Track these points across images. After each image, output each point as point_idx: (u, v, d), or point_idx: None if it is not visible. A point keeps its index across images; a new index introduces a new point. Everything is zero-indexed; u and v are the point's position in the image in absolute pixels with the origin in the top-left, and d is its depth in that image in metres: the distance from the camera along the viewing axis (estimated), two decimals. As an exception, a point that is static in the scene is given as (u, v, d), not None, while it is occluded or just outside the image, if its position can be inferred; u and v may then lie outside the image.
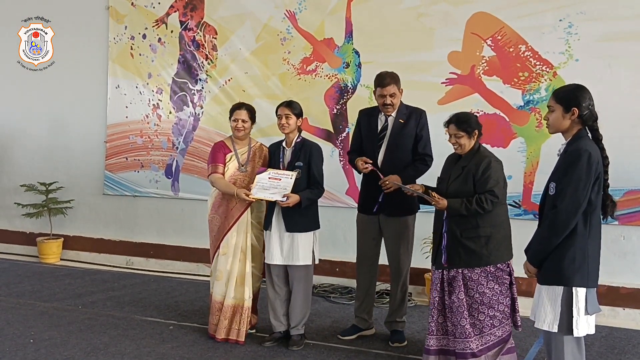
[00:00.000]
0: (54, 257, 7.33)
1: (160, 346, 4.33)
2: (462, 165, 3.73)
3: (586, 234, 2.87)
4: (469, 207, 3.57)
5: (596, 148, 2.90)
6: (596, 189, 2.86)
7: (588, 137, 2.95)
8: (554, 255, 2.91)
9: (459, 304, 3.62)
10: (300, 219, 4.30)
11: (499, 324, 3.65)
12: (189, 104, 6.91)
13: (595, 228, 2.91)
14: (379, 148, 4.34)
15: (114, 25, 7.27)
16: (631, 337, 4.67)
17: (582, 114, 2.93)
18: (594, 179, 2.83)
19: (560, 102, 2.98)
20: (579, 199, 2.82)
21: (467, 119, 3.77)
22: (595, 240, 2.92)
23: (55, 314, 5.10)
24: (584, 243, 2.87)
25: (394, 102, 4.30)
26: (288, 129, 4.37)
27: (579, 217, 2.84)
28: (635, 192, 5.14)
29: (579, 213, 2.83)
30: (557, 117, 2.99)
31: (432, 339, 3.73)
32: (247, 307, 4.38)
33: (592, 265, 2.89)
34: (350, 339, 4.50)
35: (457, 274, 3.65)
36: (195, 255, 6.73)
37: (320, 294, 5.77)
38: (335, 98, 6.21)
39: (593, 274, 2.90)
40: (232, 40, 6.68)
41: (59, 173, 7.55)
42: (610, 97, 5.19)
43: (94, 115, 7.42)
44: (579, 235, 2.86)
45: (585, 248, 2.87)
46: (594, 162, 2.82)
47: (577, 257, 2.85)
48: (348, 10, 6.12)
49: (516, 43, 5.48)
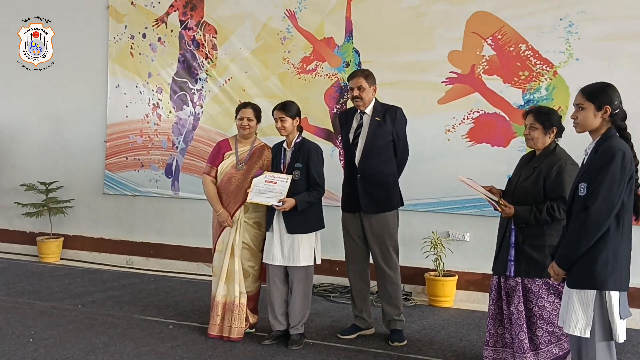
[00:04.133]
0: (53, 256, 7.33)
1: (160, 345, 4.33)
2: (534, 165, 3.53)
3: (619, 235, 2.77)
4: (538, 217, 3.37)
5: (627, 147, 2.81)
6: (628, 189, 2.77)
7: (618, 136, 2.85)
8: (585, 258, 2.78)
9: (518, 316, 3.44)
10: (301, 220, 4.29)
11: (557, 341, 3.44)
12: (189, 104, 6.91)
13: (627, 229, 2.81)
14: (355, 146, 4.39)
15: (114, 24, 7.26)
16: (631, 337, 4.65)
17: (614, 113, 2.85)
18: (627, 179, 2.75)
19: (592, 100, 2.88)
20: (613, 200, 2.72)
21: (548, 112, 3.61)
22: (627, 242, 2.82)
23: (55, 313, 5.10)
24: (617, 245, 2.76)
25: (363, 95, 4.34)
26: (285, 131, 4.38)
27: (612, 219, 2.74)
28: (635, 192, 5.13)
29: (612, 214, 2.73)
30: (588, 115, 2.87)
31: (488, 350, 3.60)
32: (239, 304, 4.40)
33: (625, 268, 2.79)
34: (350, 338, 4.50)
35: (517, 283, 3.47)
36: (195, 255, 6.73)
37: (320, 294, 5.76)
38: (335, 97, 6.20)
39: (625, 277, 2.80)
40: (232, 39, 6.67)
41: (59, 173, 7.55)
42: (611, 96, 5.19)
43: (93, 115, 7.41)
44: (611, 237, 2.75)
45: (617, 250, 2.76)
46: (628, 161, 2.74)
47: (610, 260, 2.74)
48: (348, 9, 6.12)
49: (516, 42, 5.47)
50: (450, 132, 5.71)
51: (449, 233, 5.69)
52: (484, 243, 5.57)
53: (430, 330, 4.79)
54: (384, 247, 4.39)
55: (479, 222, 5.58)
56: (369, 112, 4.40)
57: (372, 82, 4.39)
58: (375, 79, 4.46)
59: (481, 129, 5.63)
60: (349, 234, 4.53)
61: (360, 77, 4.35)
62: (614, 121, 2.87)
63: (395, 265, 4.45)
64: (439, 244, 5.45)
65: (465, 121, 5.66)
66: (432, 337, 4.59)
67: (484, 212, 5.58)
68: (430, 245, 5.47)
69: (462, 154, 5.61)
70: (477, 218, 5.59)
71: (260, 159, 4.56)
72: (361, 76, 4.36)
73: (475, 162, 5.61)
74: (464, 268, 5.66)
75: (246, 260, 4.51)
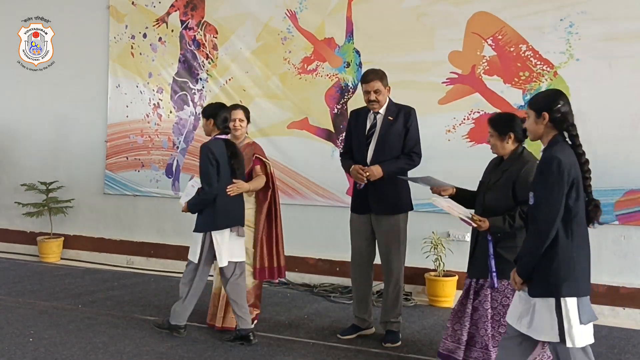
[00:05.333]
0: (54, 256, 7.34)
1: (160, 345, 4.33)
2: (502, 169, 3.56)
3: (569, 242, 2.79)
4: (513, 224, 3.39)
5: (570, 154, 2.81)
6: (574, 195, 2.78)
7: (564, 143, 2.86)
8: (539, 266, 2.81)
9: (482, 313, 3.51)
10: (197, 221, 4.36)
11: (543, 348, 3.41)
12: (190, 104, 6.91)
13: (580, 235, 2.82)
14: (367, 146, 4.35)
15: (115, 24, 7.27)
16: (631, 337, 4.67)
17: (552, 118, 2.85)
18: (568, 186, 2.76)
19: (532, 108, 2.94)
20: (553, 208, 2.74)
21: (503, 119, 3.63)
22: (581, 248, 2.83)
23: (55, 313, 5.10)
24: (569, 252, 2.78)
25: (379, 98, 4.28)
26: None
27: (558, 226, 2.76)
28: (635, 192, 5.13)
29: (556, 221, 2.75)
30: (531, 122, 2.94)
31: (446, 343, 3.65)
32: (225, 295, 4.51)
33: (581, 274, 2.81)
34: (350, 338, 4.49)
35: (485, 282, 3.54)
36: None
37: (321, 294, 5.77)
38: (335, 98, 6.20)
39: (583, 283, 2.82)
40: (232, 39, 6.68)
41: (60, 172, 7.55)
42: (611, 97, 5.19)
43: (94, 115, 7.42)
44: (561, 244, 2.77)
45: (570, 257, 2.78)
46: (565, 168, 2.73)
47: (563, 267, 2.77)
48: (349, 9, 6.12)
49: (517, 43, 5.47)
50: (451, 132, 5.71)
51: (449, 233, 5.69)
52: (484, 243, 5.57)
53: (430, 330, 4.79)
54: (395, 249, 4.37)
55: (479, 223, 5.58)
56: (382, 112, 4.36)
57: (386, 83, 4.33)
58: (388, 78, 4.37)
59: (481, 130, 5.61)
60: (358, 235, 4.50)
61: (377, 80, 4.25)
62: (560, 127, 2.87)
63: (401, 267, 4.44)
64: (439, 244, 5.45)
65: (466, 121, 5.66)
66: (431, 337, 4.59)
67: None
68: (430, 245, 5.47)
69: (462, 155, 5.60)
70: (478, 218, 5.58)
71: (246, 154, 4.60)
72: (377, 79, 4.26)
73: (475, 162, 5.50)
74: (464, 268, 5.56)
75: None
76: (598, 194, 5.27)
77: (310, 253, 6.26)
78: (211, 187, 4.22)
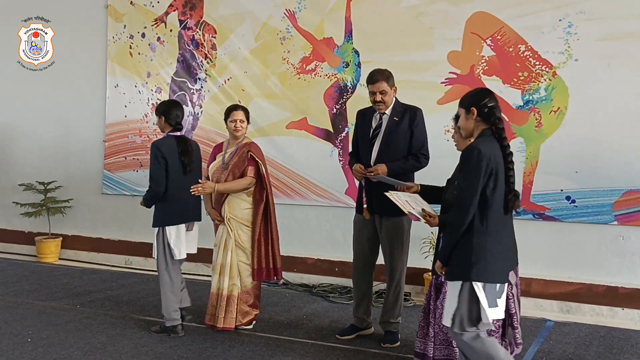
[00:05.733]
0: (52, 256, 7.32)
1: (159, 345, 4.32)
2: None
3: (483, 229, 2.92)
4: None
5: (493, 146, 2.96)
6: (492, 185, 2.90)
7: (490, 136, 3.02)
8: (454, 252, 2.98)
9: (442, 310, 3.52)
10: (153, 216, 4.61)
11: None
12: (188, 104, 6.90)
13: (495, 224, 2.94)
14: (371, 147, 4.33)
15: (113, 24, 7.26)
16: (630, 337, 4.67)
17: (480, 113, 3.03)
18: (486, 176, 2.89)
19: (462, 105, 3.12)
20: (468, 196, 2.90)
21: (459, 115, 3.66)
22: (496, 236, 2.95)
23: (53, 313, 5.09)
24: (482, 239, 2.91)
25: (385, 99, 4.25)
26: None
27: (473, 213, 2.90)
28: (634, 192, 5.13)
29: (470, 210, 2.89)
30: (462, 120, 3.12)
31: (419, 340, 3.71)
32: (226, 296, 4.56)
33: (494, 261, 2.92)
34: (349, 338, 4.49)
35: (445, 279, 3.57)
36: (194, 255, 6.67)
37: (320, 294, 5.76)
38: (334, 98, 6.20)
39: (496, 270, 2.93)
40: (231, 39, 6.67)
41: (58, 172, 7.54)
42: (610, 96, 5.20)
43: (92, 115, 7.41)
44: (475, 231, 2.91)
45: (483, 244, 2.91)
46: (483, 158, 2.87)
47: (474, 253, 2.90)
48: (348, 9, 6.12)
49: (516, 43, 5.47)
50: (450, 132, 5.68)
51: (448, 233, 5.68)
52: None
53: (429, 330, 4.79)
54: (398, 250, 4.36)
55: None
56: (388, 112, 4.33)
57: (392, 84, 4.29)
58: (394, 78, 4.34)
59: (480, 130, 5.62)
60: (360, 235, 4.49)
61: (383, 81, 4.22)
62: (487, 121, 3.04)
63: (403, 269, 4.43)
64: (438, 244, 5.44)
65: (465, 121, 5.65)
66: (431, 338, 4.58)
67: (483, 212, 5.58)
68: (429, 245, 5.46)
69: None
70: (476, 218, 5.58)
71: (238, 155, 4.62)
72: (383, 79, 4.22)
73: (474, 162, 5.60)
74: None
75: (238, 256, 4.63)
76: (597, 194, 5.36)
77: (309, 253, 6.25)
78: (157, 184, 4.45)
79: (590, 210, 5.26)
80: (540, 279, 5.39)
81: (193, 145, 4.66)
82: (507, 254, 3.03)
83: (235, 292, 4.57)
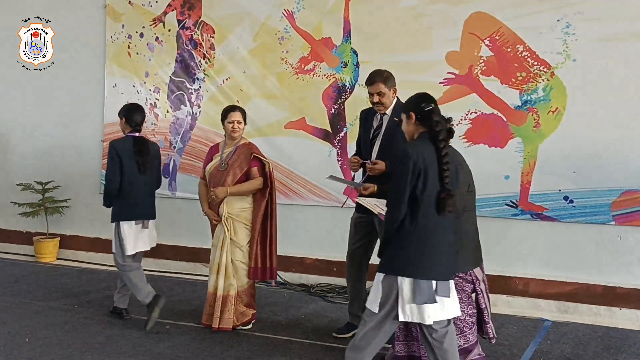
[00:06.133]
0: (50, 256, 7.31)
1: (157, 346, 4.32)
2: None
3: (412, 228, 3.04)
4: None
5: (425, 148, 3.07)
6: (420, 186, 3.01)
7: (425, 139, 3.13)
8: (388, 247, 3.14)
9: None
10: None
11: (460, 333, 3.57)
12: (187, 103, 6.90)
13: (426, 223, 3.04)
14: (372, 147, 4.33)
15: (111, 23, 7.25)
16: (627, 337, 4.68)
17: (418, 117, 3.18)
18: (415, 176, 3.01)
19: (403, 111, 3.29)
20: (396, 195, 3.05)
21: None
22: (424, 234, 3.05)
23: (51, 313, 5.08)
24: (409, 237, 3.05)
25: (383, 100, 4.25)
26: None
27: (404, 212, 3.03)
28: (632, 193, 5.14)
29: (399, 209, 3.03)
30: (404, 124, 3.28)
31: (399, 344, 3.71)
32: (224, 296, 4.56)
33: (421, 258, 3.03)
34: (346, 337, 4.49)
35: None
36: (192, 255, 6.72)
37: (318, 294, 5.76)
38: (333, 98, 6.20)
39: (423, 267, 3.03)
40: (229, 39, 6.67)
41: (56, 172, 7.52)
42: (607, 97, 5.21)
43: (90, 115, 7.40)
44: (405, 228, 3.05)
45: (410, 241, 3.04)
46: (411, 159, 3.01)
47: (401, 249, 3.05)
48: (346, 9, 6.12)
49: (514, 43, 5.48)
50: (448, 132, 5.70)
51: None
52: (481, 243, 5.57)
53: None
54: None
55: (476, 223, 5.58)
56: (389, 112, 4.32)
57: (391, 85, 4.27)
58: (394, 79, 4.32)
59: (479, 130, 5.63)
60: (356, 231, 4.49)
61: (380, 82, 4.22)
62: (425, 125, 3.16)
63: None
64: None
65: (463, 122, 5.66)
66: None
67: (481, 212, 5.55)
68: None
69: (459, 155, 5.60)
70: (475, 218, 5.59)
71: (244, 154, 4.63)
72: (380, 81, 4.22)
73: (472, 162, 5.50)
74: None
75: (235, 255, 4.63)
76: (594, 194, 5.36)
77: (308, 253, 6.25)
78: (109, 182, 4.72)
79: (588, 210, 5.27)
80: (538, 279, 5.40)
81: (151, 146, 4.86)
82: (439, 252, 3.08)
83: (232, 292, 4.58)
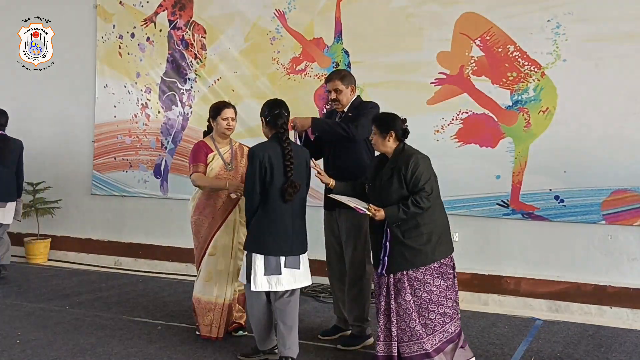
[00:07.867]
0: (41, 257, 7.28)
1: (148, 347, 4.31)
2: (390, 166, 3.74)
3: (262, 213, 3.76)
4: (407, 211, 3.59)
5: (271, 146, 3.78)
6: (268, 179, 3.72)
7: (273, 139, 3.84)
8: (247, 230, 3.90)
9: (406, 306, 3.62)
10: None
11: (450, 320, 3.66)
12: (178, 104, 6.89)
13: (273, 210, 3.76)
14: (327, 143, 4.38)
15: (102, 24, 7.23)
16: (618, 336, 4.70)
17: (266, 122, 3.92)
18: (262, 171, 3.71)
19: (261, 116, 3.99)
20: (248, 185, 3.80)
21: (384, 119, 3.84)
22: (273, 218, 3.75)
23: (42, 314, 5.06)
24: (262, 221, 3.77)
25: (340, 97, 4.28)
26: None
27: (257, 201, 3.76)
28: (622, 192, 5.17)
29: (253, 198, 3.77)
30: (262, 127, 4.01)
31: (379, 344, 3.72)
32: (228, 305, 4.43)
33: (269, 239, 3.75)
34: (331, 339, 4.47)
35: (403, 276, 3.64)
36: (184, 256, 6.70)
37: (310, 294, 5.76)
38: (324, 98, 6.20)
39: (269, 245, 3.75)
40: (221, 39, 6.66)
41: (47, 173, 7.49)
42: (597, 97, 5.24)
43: (81, 115, 7.37)
44: (258, 214, 3.78)
45: (262, 225, 3.76)
46: (256, 158, 3.73)
47: (257, 230, 3.78)
48: (337, 10, 6.13)
49: (505, 43, 5.50)
50: (439, 132, 5.73)
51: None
52: (472, 243, 5.60)
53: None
54: (353, 246, 4.28)
55: (467, 222, 5.61)
56: (347, 110, 4.34)
57: (348, 83, 4.29)
58: (353, 78, 4.35)
59: (470, 130, 5.65)
60: (328, 232, 4.49)
61: (336, 79, 4.27)
62: (274, 127, 3.86)
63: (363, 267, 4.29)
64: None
65: (454, 122, 5.68)
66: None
67: (472, 212, 5.61)
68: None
69: (450, 155, 5.62)
70: (466, 218, 5.61)
71: (242, 157, 4.52)
72: (337, 79, 4.28)
73: (464, 162, 5.63)
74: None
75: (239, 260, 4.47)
76: (585, 194, 5.40)
77: (300, 253, 6.24)
78: None
79: (579, 209, 5.30)
80: (529, 278, 5.42)
81: (12, 143, 6.26)
82: (285, 233, 3.78)
83: (235, 295, 4.48)
